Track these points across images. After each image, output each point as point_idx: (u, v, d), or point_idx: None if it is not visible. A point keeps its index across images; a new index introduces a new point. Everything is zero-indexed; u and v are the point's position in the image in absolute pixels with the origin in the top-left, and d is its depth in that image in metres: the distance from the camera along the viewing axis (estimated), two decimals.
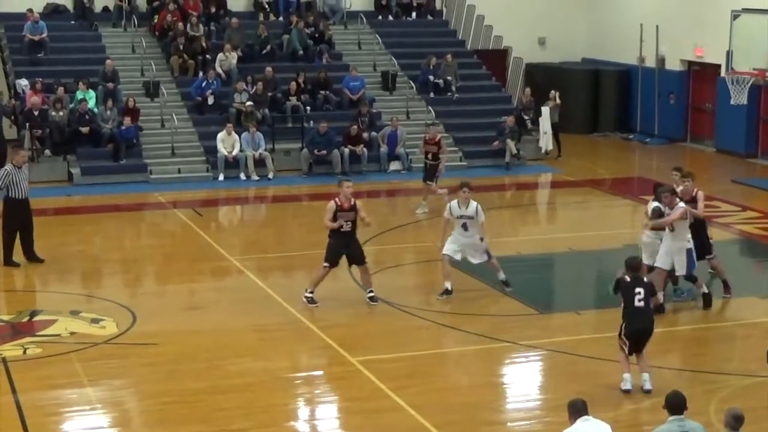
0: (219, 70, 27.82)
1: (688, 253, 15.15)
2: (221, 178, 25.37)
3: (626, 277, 12.58)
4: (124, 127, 25.41)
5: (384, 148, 26.46)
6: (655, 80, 31.16)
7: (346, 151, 26.08)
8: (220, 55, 28.12)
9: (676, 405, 8.97)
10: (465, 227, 15.79)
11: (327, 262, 15.55)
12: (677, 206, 14.83)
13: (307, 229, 20.03)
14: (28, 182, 17.87)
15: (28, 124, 25.29)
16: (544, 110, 28.48)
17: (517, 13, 32.90)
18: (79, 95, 25.98)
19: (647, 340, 12.58)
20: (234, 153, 25.51)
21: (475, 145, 27.69)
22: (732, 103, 26.20)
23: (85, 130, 25.30)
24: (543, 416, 12.09)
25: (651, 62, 31.31)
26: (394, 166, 26.30)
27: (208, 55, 28.25)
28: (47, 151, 25.22)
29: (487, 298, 16.26)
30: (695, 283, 15.64)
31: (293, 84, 27.44)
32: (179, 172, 25.47)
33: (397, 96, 29.04)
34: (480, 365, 13.67)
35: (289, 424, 12.00)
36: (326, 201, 16.15)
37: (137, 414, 12.11)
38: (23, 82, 26.88)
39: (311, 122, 26.83)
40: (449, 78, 29.32)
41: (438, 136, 22.26)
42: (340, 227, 15.33)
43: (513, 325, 14.99)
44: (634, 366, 12.56)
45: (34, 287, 17.27)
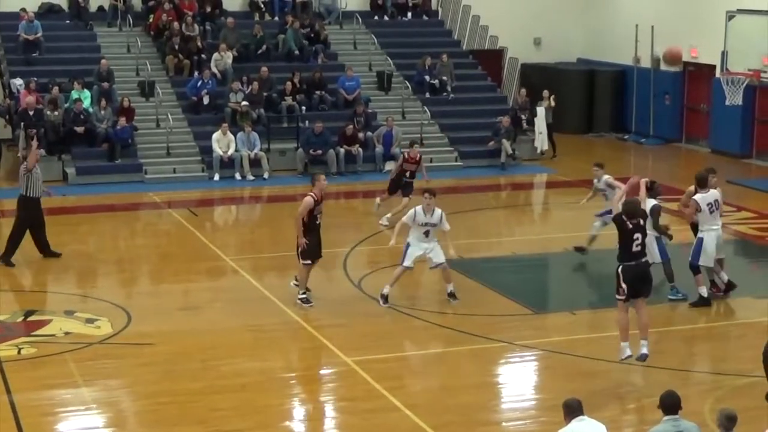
0: (214, 69, 27.79)
1: (657, 241, 15.49)
2: (216, 178, 25.35)
3: (628, 222, 12.58)
4: (119, 127, 25.38)
5: (379, 148, 26.46)
6: (651, 81, 31.18)
7: (342, 151, 26.08)
8: (216, 55, 28.10)
9: (671, 405, 8.97)
10: (427, 234, 15.58)
11: (309, 260, 15.59)
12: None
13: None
14: (42, 181, 18.35)
15: (22, 123, 25.27)
16: (540, 110, 28.49)
17: (512, 14, 32.90)
18: (74, 95, 25.95)
19: (647, 289, 12.67)
20: (229, 153, 25.49)
21: (470, 145, 27.71)
22: (727, 103, 26.18)
23: (80, 129, 25.27)
24: (538, 416, 12.09)
25: (646, 63, 31.33)
26: (390, 166, 26.23)
27: (203, 55, 28.23)
28: (42, 151, 25.10)
29: (482, 298, 16.27)
30: (672, 281, 15.86)
31: (289, 84, 27.42)
32: (174, 171, 25.44)
33: (393, 96, 29.04)
34: (475, 365, 13.67)
35: (285, 425, 12.00)
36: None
37: (132, 414, 12.10)
38: (18, 82, 26.84)
39: (306, 122, 26.83)
40: (445, 78, 29.32)
41: (419, 155, 21.16)
42: (316, 222, 15.48)
43: (508, 325, 15.00)
44: (633, 334, 12.66)
45: (29, 287, 17.24)
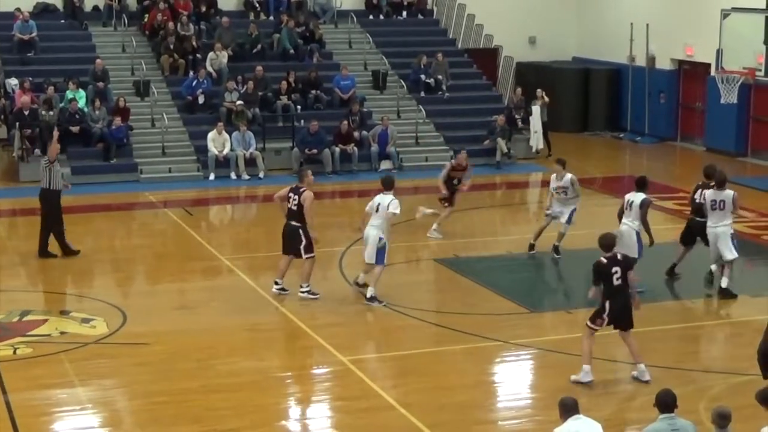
0: (209, 69, 27.78)
1: (637, 236, 15.79)
2: (212, 177, 25.34)
3: (602, 258, 12.58)
4: (114, 127, 25.36)
5: (375, 147, 26.46)
6: (646, 79, 31.22)
7: (337, 150, 26.08)
8: (211, 55, 28.08)
9: (667, 403, 8.98)
10: (377, 209, 15.84)
11: (313, 253, 15.77)
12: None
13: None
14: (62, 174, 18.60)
15: (17, 123, 25.24)
16: (535, 109, 28.50)
17: (507, 12, 32.91)
18: (69, 95, 25.91)
19: (629, 319, 12.65)
20: (224, 152, 25.48)
21: (465, 144, 27.53)
22: (722, 102, 26.21)
23: (75, 129, 25.25)
24: (534, 415, 12.10)
25: (641, 61, 31.37)
26: (385, 165, 26.28)
27: (198, 55, 28.22)
28: (37, 151, 25.15)
29: (478, 296, 16.28)
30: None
31: (284, 83, 27.42)
32: (170, 171, 25.43)
33: (388, 95, 29.03)
34: (471, 364, 13.67)
35: (281, 424, 12.00)
36: (318, 200, 16.18)
37: (128, 414, 12.08)
38: (13, 82, 26.81)
39: (302, 121, 26.82)
40: (440, 77, 29.31)
41: (466, 161, 20.19)
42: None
43: (504, 324, 15.01)
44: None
45: (25, 287, 17.22)
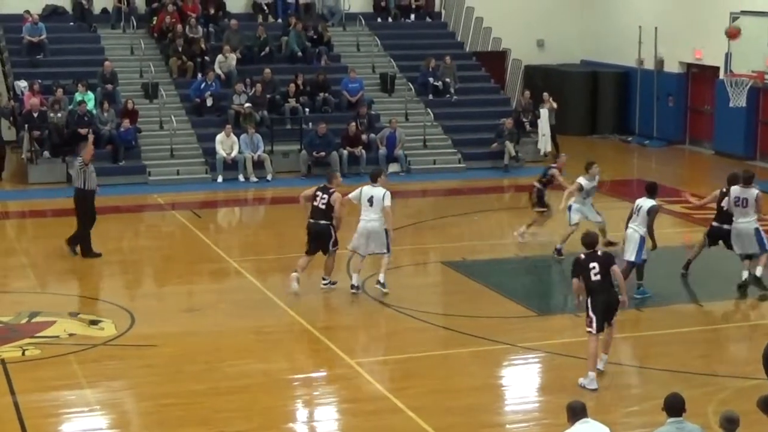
0: (218, 71, 27.82)
1: (641, 241, 15.80)
2: (220, 179, 25.36)
3: (581, 255, 12.86)
4: (122, 129, 25.41)
5: (383, 150, 26.46)
6: (654, 82, 31.17)
7: (345, 152, 26.09)
8: (219, 57, 28.12)
9: (675, 407, 8.96)
10: (371, 203, 16.02)
11: (338, 247, 16.30)
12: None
13: (306, 231, 19.95)
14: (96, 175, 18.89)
15: (27, 125, 25.29)
16: (543, 112, 28.48)
17: (515, 15, 32.88)
18: (77, 97, 25.95)
19: (614, 313, 12.82)
20: (233, 155, 25.50)
21: (473, 147, 27.70)
22: (731, 105, 26.15)
23: (84, 131, 25.28)
24: (542, 418, 12.10)
25: (650, 64, 31.32)
26: (393, 167, 26.27)
27: (206, 57, 28.24)
28: (46, 153, 25.22)
29: (486, 299, 16.27)
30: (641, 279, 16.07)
31: (292, 86, 27.44)
32: (178, 173, 25.46)
33: (396, 98, 29.04)
34: (479, 367, 13.66)
35: (288, 426, 12.01)
36: None
37: (136, 416, 12.11)
38: (22, 84, 26.87)
39: (310, 124, 26.83)
40: (448, 80, 29.31)
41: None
42: None
43: (512, 327, 15.00)
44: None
45: (33, 289, 17.26)
